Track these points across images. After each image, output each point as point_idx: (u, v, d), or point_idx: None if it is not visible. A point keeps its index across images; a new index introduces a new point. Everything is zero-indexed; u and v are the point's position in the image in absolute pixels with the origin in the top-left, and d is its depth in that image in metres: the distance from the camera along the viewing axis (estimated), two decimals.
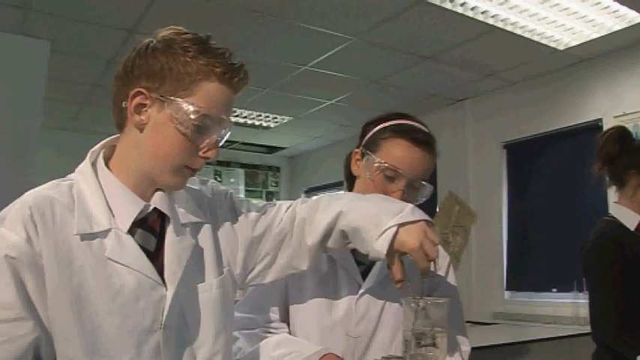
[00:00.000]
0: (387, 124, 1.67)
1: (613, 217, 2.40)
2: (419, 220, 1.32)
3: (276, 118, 6.96)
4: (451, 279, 1.78)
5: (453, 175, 6.28)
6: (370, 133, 1.69)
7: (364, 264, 1.65)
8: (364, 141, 1.70)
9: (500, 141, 5.98)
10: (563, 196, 5.37)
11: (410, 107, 6.10)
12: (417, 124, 1.68)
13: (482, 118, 6.16)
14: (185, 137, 1.21)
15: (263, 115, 6.83)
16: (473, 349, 1.83)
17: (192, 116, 1.19)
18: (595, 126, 5.03)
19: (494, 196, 5.98)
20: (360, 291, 1.61)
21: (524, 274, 5.65)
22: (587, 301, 2.37)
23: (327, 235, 1.42)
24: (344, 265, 1.63)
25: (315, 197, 1.50)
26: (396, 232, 1.29)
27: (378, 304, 1.62)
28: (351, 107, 6.35)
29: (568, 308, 4.93)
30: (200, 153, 1.25)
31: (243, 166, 8.86)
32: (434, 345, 1.16)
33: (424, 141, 1.62)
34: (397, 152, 1.60)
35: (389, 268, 1.31)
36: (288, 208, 1.49)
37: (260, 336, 1.60)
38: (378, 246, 1.30)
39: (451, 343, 1.66)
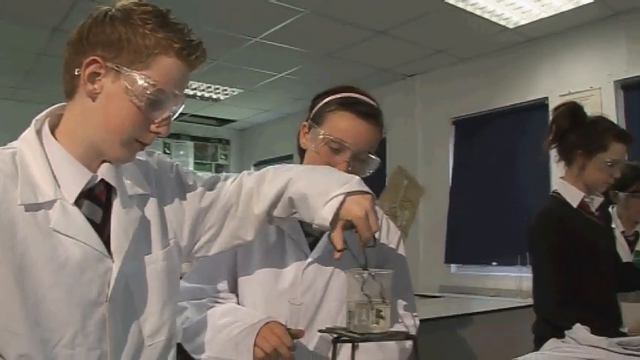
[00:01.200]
0: (333, 97, 1.68)
1: (557, 194, 2.46)
2: (365, 192, 1.34)
3: (226, 90, 6.89)
4: (401, 252, 1.81)
5: (402, 150, 6.34)
6: (317, 106, 1.70)
7: (313, 235, 1.66)
8: (312, 114, 1.71)
9: (449, 117, 6.05)
10: (508, 173, 5.48)
11: (360, 82, 6.09)
12: (363, 97, 1.68)
13: (432, 94, 6.21)
14: (139, 110, 1.19)
15: (213, 87, 6.76)
16: (422, 320, 1.87)
17: (147, 90, 1.17)
18: (541, 104, 5.13)
19: (441, 171, 6.08)
20: (307, 261, 1.62)
21: (469, 247, 5.77)
22: (530, 274, 2.44)
23: (274, 203, 1.43)
24: (292, 235, 1.64)
25: (262, 169, 1.50)
26: (343, 201, 1.30)
27: (325, 275, 1.63)
28: (302, 80, 6.33)
29: (512, 281, 5.06)
30: (152, 127, 1.23)
31: (192, 138, 8.76)
32: (377, 316, 1.17)
33: (369, 113, 1.63)
34: (342, 125, 1.61)
35: (328, 238, 1.32)
36: (235, 180, 1.49)
37: (208, 305, 1.61)
38: (324, 213, 1.30)
39: (398, 314, 1.69)
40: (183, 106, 1.26)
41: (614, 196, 2.92)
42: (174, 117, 1.27)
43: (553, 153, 2.50)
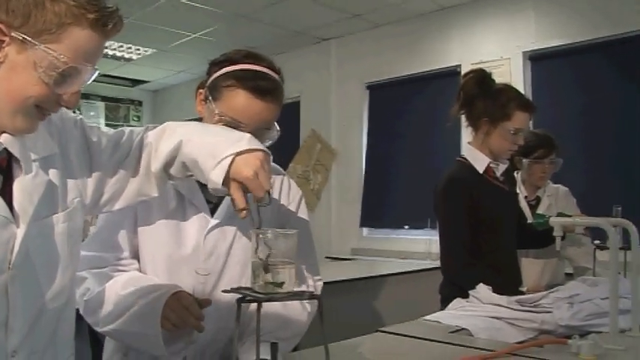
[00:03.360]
0: (231, 68, 1.59)
1: (464, 159, 2.53)
2: (256, 150, 1.30)
3: (138, 49, 6.71)
4: (303, 213, 1.77)
5: (316, 113, 6.37)
6: (214, 76, 1.62)
7: (212, 202, 1.63)
8: (209, 82, 1.63)
9: (363, 82, 6.11)
10: (421, 138, 5.61)
11: (275, 44, 6.06)
12: (262, 70, 1.61)
13: (347, 59, 6.24)
14: (46, 86, 1.10)
15: (125, 46, 6.57)
16: (333, 282, 1.87)
17: (58, 68, 1.08)
18: (454, 72, 5.25)
19: (355, 136, 6.15)
20: (209, 226, 1.59)
21: (381, 211, 5.89)
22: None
23: (169, 163, 1.39)
24: (192, 200, 1.60)
25: (163, 124, 1.45)
26: (232, 162, 1.27)
27: (226, 240, 1.61)
28: (216, 42, 6.22)
29: (421, 244, 5.21)
30: (60, 100, 1.14)
31: (103, 99, 8.50)
32: (282, 275, 1.17)
33: (267, 90, 1.57)
34: (238, 104, 1.55)
35: (230, 197, 1.29)
36: (139, 134, 1.44)
37: (109, 275, 1.55)
38: (214, 176, 1.27)
39: (301, 276, 1.69)
40: (96, 75, 1.17)
41: (518, 162, 3.02)
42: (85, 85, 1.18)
43: (464, 119, 2.55)
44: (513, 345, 1.76)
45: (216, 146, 1.31)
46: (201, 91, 1.64)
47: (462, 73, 4.85)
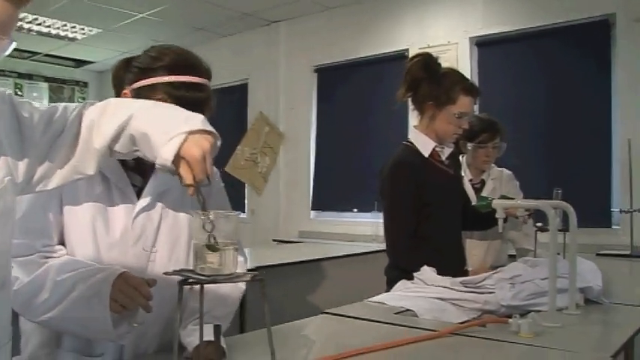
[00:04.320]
0: (155, 80, 1.53)
1: (410, 143, 2.55)
2: (208, 132, 1.29)
3: (83, 29, 6.54)
4: (223, 192, 1.78)
5: (264, 96, 6.34)
6: (140, 84, 1.55)
7: (137, 185, 1.61)
8: (133, 86, 1.57)
9: (312, 64, 6.10)
10: (369, 122, 5.63)
11: (223, 26, 6.00)
12: (192, 80, 1.55)
13: (295, 41, 6.22)
14: None
15: (69, 25, 6.39)
16: (280, 265, 1.86)
17: None
18: (402, 56, 5.28)
19: (303, 119, 6.15)
20: (136, 210, 1.58)
21: (329, 195, 5.91)
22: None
23: (115, 137, 1.34)
24: (118, 184, 1.58)
25: (105, 100, 1.40)
26: (184, 140, 1.25)
27: (154, 222, 1.60)
28: (164, 22, 6.10)
29: (368, 227, 5.25)
30: None
31: (47, 79, 8.28)
32: (224, 257, 1.17)
33: (198, 101, 1.52)
34: None
35: (177, 175, 1.27)
36: (75, 110, 1.38)
37: (38, 262, 1.50)
38: (164, 152, 1.24)
39: None
40: (13, 46, 1.11)
41: (463, 145, 3.07)
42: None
43: (409, 106, 2.56)
44: (457, 325, 1.80)
45: (169, 122, 1.28)
46: (126, 92, 1.59)
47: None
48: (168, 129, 1.26)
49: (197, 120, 1.29)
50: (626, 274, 3.43)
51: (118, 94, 1.64)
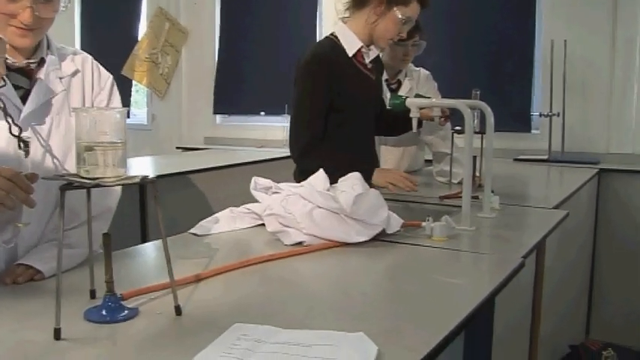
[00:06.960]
0: None
1: (335, 37, 2.41)
2: None
3: None
4: (116, 101, 1.67)
5: None
6: None
7: (24, 88, 1.49)
8: None
9: None
10: (277, 21, 5.40)
11: None
12: None
13: None
14: None
15: None
16: (184, 173, 1.79)
17: None
18: None
19: (207, 14, 5.81)
20: (22, 117, 1.44)
21: (236, 97, 5.68)
22: None
23: None
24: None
25: None
26: None
27: (44, 126, 1.49)
28: None
29: (278, 132, 5.11)
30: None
31: None
32: (109, 158, 1.05)
33: None
34: None
35: None
36: None
37: None
38: None
39: None
40: None
41: None
42: None
43: (324, 2, 2.41)
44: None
45: None
46: None
47: None
48: None
49: None
50: (542, 178, 3.49)
51: None
